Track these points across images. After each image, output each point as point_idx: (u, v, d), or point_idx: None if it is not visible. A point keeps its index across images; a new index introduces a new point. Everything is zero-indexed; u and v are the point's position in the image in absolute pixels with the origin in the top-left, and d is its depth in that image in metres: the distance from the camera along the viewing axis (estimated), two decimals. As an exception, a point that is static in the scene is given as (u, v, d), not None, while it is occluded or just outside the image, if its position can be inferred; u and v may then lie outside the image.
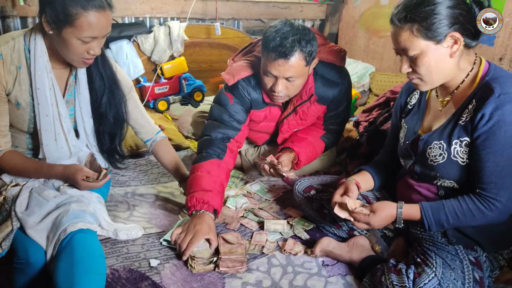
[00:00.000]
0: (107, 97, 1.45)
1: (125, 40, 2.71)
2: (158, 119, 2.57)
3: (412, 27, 1.11)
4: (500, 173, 1.11)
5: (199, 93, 2.96)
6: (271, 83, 1.62)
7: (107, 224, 1.40)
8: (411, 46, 1.13)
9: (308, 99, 1.76)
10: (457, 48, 1.12)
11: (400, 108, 1.44)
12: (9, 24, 2.43)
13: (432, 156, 1.23)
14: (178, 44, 2.81)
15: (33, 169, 1.39)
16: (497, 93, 1.08)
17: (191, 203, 1.46)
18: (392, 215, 1.24)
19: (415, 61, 1.15)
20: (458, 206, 1.17)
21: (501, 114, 1.07)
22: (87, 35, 1.22)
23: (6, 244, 1.22)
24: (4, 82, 1.30)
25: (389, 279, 1.20)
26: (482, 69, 1.19)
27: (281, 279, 1.34)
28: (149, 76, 2.86)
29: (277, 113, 1.85)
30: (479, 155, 1.13)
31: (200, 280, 1.30)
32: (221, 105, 1.75)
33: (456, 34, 1.10)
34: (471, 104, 1.15)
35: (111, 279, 1.25)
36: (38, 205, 1.29)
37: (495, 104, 1.08)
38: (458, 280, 1.16)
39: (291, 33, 1.52)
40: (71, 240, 1.18)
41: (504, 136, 1.08)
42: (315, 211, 1.55)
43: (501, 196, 1.12)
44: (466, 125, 1.16)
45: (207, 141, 1.67)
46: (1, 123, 1.33)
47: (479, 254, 1.25)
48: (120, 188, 1.79)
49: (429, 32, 1.10)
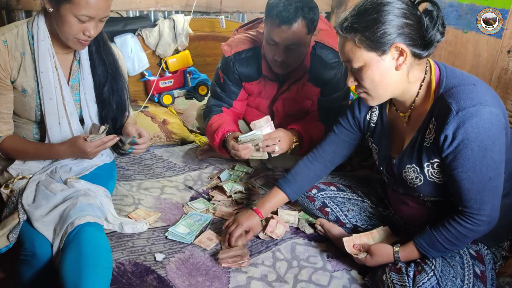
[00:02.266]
0: (109, 83, 1.47)
1: (129, 34, 2.70)
2: (163, 113, 2.57)
3: (354, 37, 1.06)
4: (477, 189, 1.07)
5: (203, 87, 2.95)
6: (273, 52, 1.63)
7: (113, 218, 1.41)
8: (354, 58, 1.09)
9: (301, 77, 1.77)
10: (403, 60, 1.07)
11: (362, 124, 1.38)
12: (14, 18, 2.43)
13: (409, 179, 1.21)
14: (182, 37, 2.80)
15: (33, 150, 1.40)
16: (454, 110, 1.03)
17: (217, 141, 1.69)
18: (388, 259, 1.24)
19: (359, 74, 1.11)
20: (448, 233, 1.14)
21: (464, 132, 1.02)
22: (84, 13, 1.23)
23: (13, 237, 1.23)
24: (9, 69, 1.31)
25: (390, 278, 1.19)
26: (434, 77, 1.13)
27: (286, 273, 1.34)
28: (154, 70, 2.85)
29: (273, 90, 1.86)
30: (452, 175, 1.09)
31: (205, 274, 1.30)
32: (215, 82, 1.91)
33: (401, 45, 1.05)
34: (432, 123, 1.11)
35: (116, 273, 1.26)
36: (45, 198, 1.30)
37: (455, 123, 1.03)
38: (457, 277, 1.15)
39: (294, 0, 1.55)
40: (79, 233, 1.19)
41: (472, 153, 1.04)
42: (318, 210, 1.55)
43: (484, 210, 1.09)
44: (432, 147, 1.12)
45: (207, 111, 1.90)
46: (3, 110, 1.35)
47: (480, 247, 1.24)
48: (125, 182, 1.80)
49: (372, 42, 1.05)
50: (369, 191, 1.54)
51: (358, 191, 1.54)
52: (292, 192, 1.47)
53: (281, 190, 1.47)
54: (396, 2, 1.05)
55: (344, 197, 1.53)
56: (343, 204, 1.52)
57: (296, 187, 1.47)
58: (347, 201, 1.53)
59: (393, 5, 1.05)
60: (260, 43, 1.76)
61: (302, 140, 1.72)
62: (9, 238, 1.23)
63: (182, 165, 2.02)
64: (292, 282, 1.30)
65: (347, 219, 1.50)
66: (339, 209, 1.51)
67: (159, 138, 2.23)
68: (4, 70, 1.31)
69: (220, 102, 1.88)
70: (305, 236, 1.51)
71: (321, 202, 1.54)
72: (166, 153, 2.14)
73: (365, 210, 1.51)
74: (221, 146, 1.70)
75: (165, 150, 2.18)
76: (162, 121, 2.42)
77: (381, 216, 1.49)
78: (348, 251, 1.32)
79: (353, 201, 1.53)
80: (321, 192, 1.55)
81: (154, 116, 2.48)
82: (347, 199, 1.53)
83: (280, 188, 1.47)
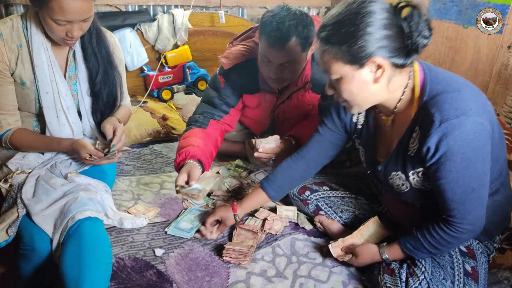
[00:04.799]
0: (101, 76, 1.47)
1: (128, 29, 2.69)
2: (162, 109, 2.57)
3: (332, 49, 1.03)
4: (460, 200, 1.06)
5: (203, 82, 2.94)
6: (268, 68, 1.60)
7: (113, 213, 1.41)
8: (331, 69, 1.06)
9: (303, 86, 1.75)
10: (381, 73, 1.03)
11: (348, 126, 1.35)
12: (12, 12, 2.42)
13: (395, 186, 1.20)
14: (182, 32, 2.79)
15: (43, 144, 1.43)
16: (437, 122, 1.00)
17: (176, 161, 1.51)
18: (373, 259, 1.25)
19: (337, 84, 1.08)
20: (432, 238, 1.13)
21: (446, 145, 1.00)
22: (60, 18, 1.23)
23: (12, 231, 1.23)
24: (7, 61, 1.31)
25: (383, 280, 1.20)
26: (418, 82, 1.09)
27: (286, 268, 1.34)
28: (153, 65, 2.84)
29: (272, 101, 1.83)
30: (435, 185, 1.08)
31: (204, 269, 1.31)
32: (213, 87, 1.79)
33: (379, 60, 1.00)
34: (415, 132, 1.09)
35: (116, 268, 1.26)
36: (45, 193, 1.30)
37: (438, 135, 1.00)
38: (448, 279, 1.15)
39: (288, 18, 1.50)
40: (79, 228, 1.19)
41: (454, 165, 1.02)
42: (313, 213, 1.55)
43: (468, 220, 1.08)
44: (415, 156, 1.10)
45: (192, 118, 1.77)
46: (8, 102, 1.36)
47: (472, 242, 1.24)
48: (124, 177, 1.80)
49: (349, 56, 1.01)
50: (362, 188, 1.54)
51: (352, 188, 1.54)
52: (272, 192, 1.44)
53: (262, 190, 1.45)
54: (376, 12, 0.99)
55: (337, 196, 1.53)
56: (337, 205, 1.52)
57: (277, 187, 1.44)
58: (341, 200, 1.53)
59: (373, 16, 0.98)
60: (256, 54, 1.69)
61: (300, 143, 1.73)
62: (8, 232, 1.23)
63: (182, 161, 2.02)
64: (292, 277, 1.31)
65: (341, 220, 1.51)
66: (333, 211, 1.51)
67: (158, 134, 2.23)
68: (3, 63, 1.31)
69: (211, 110, 1.76)
70: (305, 232, 1.52)
71: (315, 205, 1.54)
72: (166, 149, 2.14)
73: (359, 207, 1.51)
74: (178, 168, 1.50)
75: (165, 145, 2.17)
76: (162, 116, 2.41)
77: (375, 212, 1.48)
78: (334, 256, 1.32)
79: (347, 199, 1.53)
80: (314, 194, 1.55)
81: (153, 111, 2.48)
82: (340, 197, 1.53)
83: (261, 188, 1.45)
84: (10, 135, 1.38)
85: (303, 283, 1.28)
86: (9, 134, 1.38)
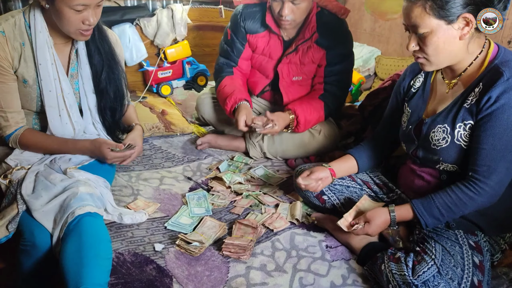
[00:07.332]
0: (106, 72, 1.47)
1: (127, 24, 2.68)
2: (161, 104, 2.57)
3: (425, 4, 1.09)
4: (496, 156, 1.11)
5: (202, 78, 2.94)
6: (278, 7, 1.74)
7: (112, 209, 1.41)
8: (421, 24, 1.11)
9: (310, 37, 1.85)
10: (468, 31, 1.10)
11: (403, 91, 1.42)
12: (10, 7, 2.41)
13: (435, 140, 1.23)
14: (181, 27, 2.78)
15: (57, 145, 1.42)
16: (506, 76, 1.07)
17: (228, 107, 1.84)
18: (386, 220, 1.26)
19: (423, 39, 1.13)
20: (447, 198, 1.17)
21: (508, 97, 1.07)
22: (78, 2, 1.22)
23: (13, 227, 1.23)
24: (10, 59, 1.31)
25: (388, 267, 1.20)
26: (491, 52, 1.17)
27: (285, 263, 1.34)
28: (152, 60, 2.83)
29: (277, 47, 1.93)
30: (479, 136, 1.13)
31: (204, 264, 1.31)
32: (224, 41, 2.03)
33: (469, 16, 1.08)
34: (478, 87, 1.15)
35: (116, 263, 1.26)
36: (45, 189, 1.29)
37: (503, 87, 1.07)
38: (458, 266, 1.16)
39: None
40: (79, 223, 1.19)
41: (506, 120, 1.08)
42: (315, 198, 1.55)
43: (491, 180, 1.13)
44: (471, 108, 1.15)
45: (218, 69, 2.03)
46: (13, 100, 1.36)
47: (479, 239, 1.25)
48: (124, 173, 1.80)
49: (442, 11, 1.08)
50: (369, 179, 1.54)
51: (358, 179, 1.55)
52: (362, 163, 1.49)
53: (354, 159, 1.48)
54: None
55: (342, 184, 1.54)
56: (341, 192, 1.53)
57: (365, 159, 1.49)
58: (346, 189, 1.53)
59: None
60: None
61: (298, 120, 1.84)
62: (8, 228, 1.23)
63: (181, 156, 2.02)
64: (291, 271, 1.31)
65: (343, 208, 1.50)
66: (336, 197, 1.52)
67: (157, 129, 2.23)
68: (6, 60, 1.30)
69: (228, 61, 2.00)
70: (304, 226, 1.52)
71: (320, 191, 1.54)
72: (165, 144, 2.14)
73: None
74: (231, 113, 1.85)
75: (164, 140, 2.17)
76: (161, 111, 2.41)
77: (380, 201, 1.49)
78: (346, 230, 1.33)
79: (352, 188, 1.53)
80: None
81: (152, 106, 2.48)
82: (345, 186, 1.54)
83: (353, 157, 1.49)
84: (20, 135, 1.37)
85: (302, 277, 1.29)
86: (19, 134, 1.37)
